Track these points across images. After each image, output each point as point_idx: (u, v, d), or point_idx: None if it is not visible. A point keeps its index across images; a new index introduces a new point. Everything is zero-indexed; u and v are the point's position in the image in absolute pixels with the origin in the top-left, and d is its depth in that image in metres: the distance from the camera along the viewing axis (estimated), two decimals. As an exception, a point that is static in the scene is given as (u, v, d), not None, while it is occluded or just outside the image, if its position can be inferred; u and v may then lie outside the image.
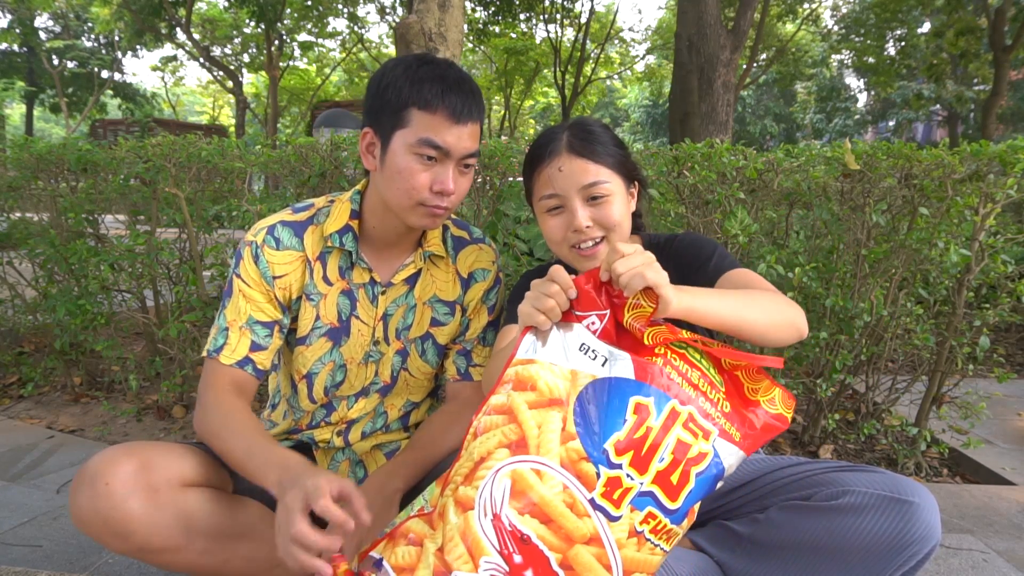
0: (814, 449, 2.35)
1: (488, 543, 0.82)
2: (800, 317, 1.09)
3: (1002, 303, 2.12)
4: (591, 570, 0.82)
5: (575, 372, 0.89)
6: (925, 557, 0.94)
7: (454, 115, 1.10)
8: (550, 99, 26.31)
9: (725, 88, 6.46)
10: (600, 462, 0.84)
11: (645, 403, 0.87)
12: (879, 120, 25.66)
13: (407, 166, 1.11)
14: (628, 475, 0.84)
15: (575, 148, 1.18)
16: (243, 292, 1.19)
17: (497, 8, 14.05)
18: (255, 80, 25.00)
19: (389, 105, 1.11)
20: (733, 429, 0.92)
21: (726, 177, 2.10)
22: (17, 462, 2.12)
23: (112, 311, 2.68)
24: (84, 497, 0.95)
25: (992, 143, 1.96)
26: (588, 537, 0.82)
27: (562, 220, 1.20)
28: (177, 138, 2.45)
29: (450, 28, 2.97)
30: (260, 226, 1.22)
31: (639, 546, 0.85)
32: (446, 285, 1.33)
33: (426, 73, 1.11)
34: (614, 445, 0.85)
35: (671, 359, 0.92)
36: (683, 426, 0.88)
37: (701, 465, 0.89)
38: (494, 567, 0.82)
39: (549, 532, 0.82)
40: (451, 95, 1.10)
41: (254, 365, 1.19)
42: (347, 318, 1.25)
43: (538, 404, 0.87)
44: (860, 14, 16.73)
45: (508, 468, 0.84)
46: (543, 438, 0.85)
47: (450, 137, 1.11)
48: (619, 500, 0.84)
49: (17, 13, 18.35)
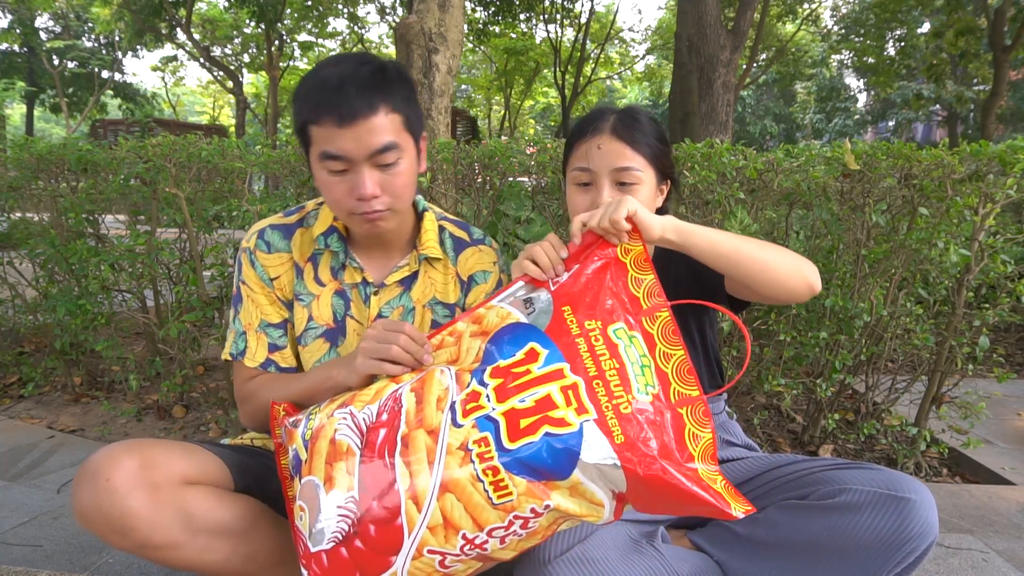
0: (814, 449, 2.35)
1: (380, 399, 0.97)
2: (811, 270, 1.08)
3: (1002, 303, 2.12)
4: (417, 455, 0.89)
5: (509, 314, 1.03)
6: (923, 553, 0.95)
7: (339, 120, 1.04)
8: (550, 99, 26.30)
9: (725, 88, 6.46)
10: (476, 375, 0.95)
11: (539, 352, 0.95)
12: (879, 120, 25.64)
13: (324, 181, 1.10)
14: (487, 396, 0.92)
15: (618, 131, 1.21)
16: (251, 297, 1.24)
17: (497, 8, 14.04)
18: (255, 80, 25.00)
19: (296, 126, 1.11)
20: (618, 430, 0.88)
21: (726, 177, 2.10)
22: (17, 462, 2.12)
23: (112, 311, 2.68)
24: (86, 493, 0.95)
25: (992, 143, 1.96)
26: (432, 427, 0.91)
27: (588, 197, 1.23)
28: (177, 138, 2.46)
29: (450, 28, 2.97)
30: (252, 231, 1.25)
31: (462, 462, 0.88)
32: (445, 287, 1.31)
33: (311, 83, 1.06)
34: (492, 368, 0.95)
35: (593, 338, 0.96)
36: (561, 389, 0.91)
37: (557, 429, 0.88)
38: (368, 414, 0.96)
39: (415, 410, 0.93)
40: (332, 100, 1.03)
41: (276, 365, 1.25)
42: (343, 318, 1.25)
43: (475, 334, 1.04)
44: (860, 14, 16.71)
45: (434, 369, 1.00)
46: (463, 357, 1.02)
47: (343, 142, 1.05)
48: (468, 412, 0.91)
49: (17, 13, 18.35)
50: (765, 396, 2.64)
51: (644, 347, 0.97)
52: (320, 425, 0.97)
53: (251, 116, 20.66)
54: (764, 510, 1.07)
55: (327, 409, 1.00)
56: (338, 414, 0.97)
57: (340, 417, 0.96)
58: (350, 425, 0.95)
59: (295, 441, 0.98)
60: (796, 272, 1.06)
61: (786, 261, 1.06)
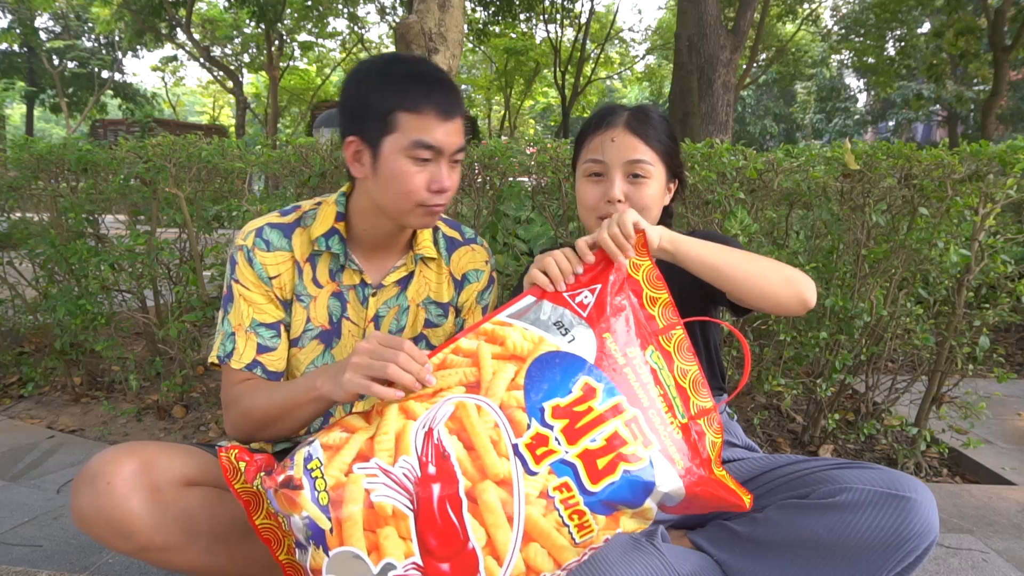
0: (814, 449, 2.35)
1: (413, 446, 0.87)
2: (805, 285, 1.08)
3: (1002, 303, 2.12)
4: (493, 511, 0.84)
5: (542, 338, 0.95)
6: (924, 553, 0.95)
7: (442, 113, 1.11)
8: (550, 99, 26.30)
9: (725, 88, 6.45)
10: (534, 414, 0.88)
11: (594, 386, 0.91)
12: (879, 120, 25.64)
13: (403, 169, 1.11)
14: (556, 439, 0.87)
15: (631, 126, 1.24)
16: (243, 296, 1.20)
17: (497, 8, 14.04)
18: (255, 80, 24.98)
19: (373, 111, 1.11)
20: (677, 455, 0.91)
21: (726, 177, 2.10)
22: (17, 462, 2.12)
23: (112, 311, 2.68)
24: (86, 496, 0.95)
25: (992, 143, 1.96)
26: (501, 478, 0.85)
27: (599, 189, 1.25)
28: (177, 138, 2.46)
29: (450, 28, 2.97)
30: (248, 229, 1.22)
31: (546, 511, 0.85)
32: (439, 287, 1.33)
33: (405, 74, 1.11)
34: (552, 407, 0.89)
35: (637, 367, 0.94)
36: (625, 424, 0.90)
37: (633, 465, 0.88)
38: (408, 468, 0.86)
39: (468, 459, 0.86)
40: (436, 93, 1.10)
41: (263, 367, 1.19)
42: (338, 320, 1.25)
43: (500, 356, 0.94)
44: (860, 14, 16.71)
45: (457, 399, 0.91)
46: (494, 382, 0.92)
47: (441, 135, 1.11)
48: (540, 457, 0.86)
49: (17, 13, 18.34)
50: (765, 396, 2.64)
51: (665, 364, 0.98)
52: (338, 484, 0.85)
53: (251, 116, 20.65)
54: (764, 509, 1.07)
55: (337, 463, 0.87)
56: (360, 470, 0.86)
57: (366, 474, 0.85)
58: (387, 484, 0.85)
59: (303, 508, 0.85)
60: (786, 286, 1.07)
61: (776, 276, 1.07)
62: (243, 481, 0.91)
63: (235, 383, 1.18)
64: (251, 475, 0.90)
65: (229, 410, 1.18)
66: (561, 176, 2.18)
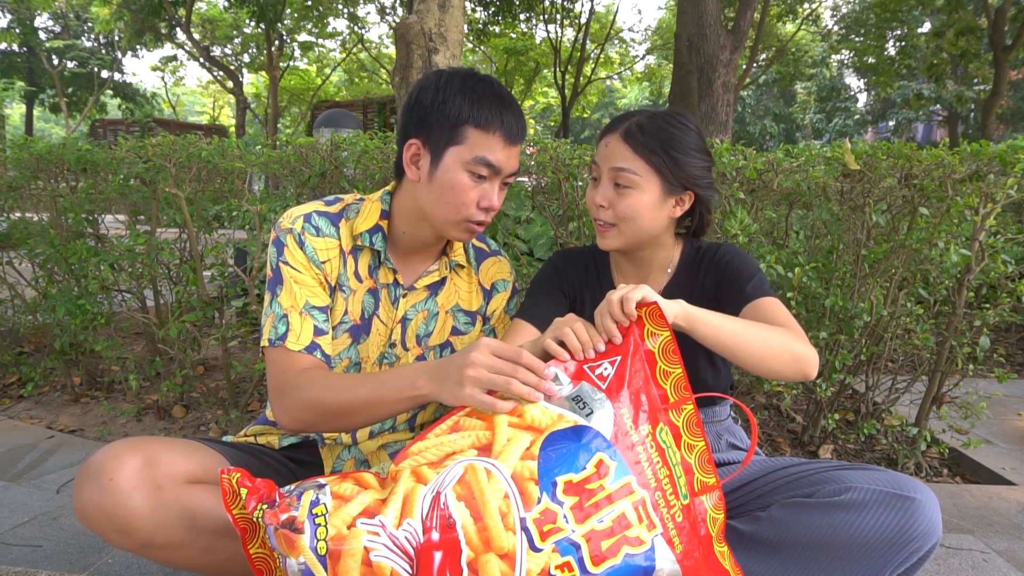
0: (814, 449, 2.35)
1: (419, 510, 0.85)
2: (808, 357, 1.07)
3: (1002, 303, 2.12)
4: None
5: (561, 416, 0.94)
6: (927, 554, 0.95)
7: (510, 136, 1.14)
8: (550, 99, 26.29)
9: (725, 88, 6.45)
10: (546, 489, 0.87)
11: (608, 464, 0.90)
12: (879, 120, 25.63)
13: (459, 182, 1.14)
14: (565, 516, 0.86)
15: (628, 132, 1.22)
16: (294, 278, 1.17)
17: (497, 8, 14.05)
18: (255, 80, 24.98)
19: (445, 119, 1.13)
20: (677, 540, 0.91)
21: (726, 177, 2.10)
22: (17, 462, 2.12)
23: (112, 311, 2.68)
24: (88, 492, 0.95)
25: (992, 143, 1.96)
26: (505, 551, 0.83)
27: (594, 192, 1.27)
28: (177, 138, 2.45)
29: (450, 28, 2.97)
30: (295, 214, 1.20)
31: None
32: (468, 295, 1.36)
33: (484, 91, 1.14)
34: (564, 482, 0.87)
35: (648, 445, 0.94)
36: (632, 505, 0.89)
37: (635, 549, 0.87)
38: (411, 532, 0.84)
39: (474, 528, 0.84)
40: (508, 116, 1.14)
41: (321, 350, 1.16)
42: (369, 316, 1.27)
43: (517, 425, 0.93)
44: (860, 14, 16.71)
45: (467, 461, 0.89)
46: (508, 448, 0.90)
47: (503, 156, 1.14)
48: (547, 534, 0.85)
49: (17, 13, 18.33)
50: (765, 396, 2.64)
51: (673, 440, 0.97)
52: (338, 536, 0.83)
53: (251, 116, 20.62)
54: (768, 508, 1.07)
55: (342, 513, 0.85)
56: (364, 525, 0.84)
57: (367, 530, 0.84)
58: (388, 545, 0.83)
59: (301, 553, 0.83)
60: (791, 365, 1.06)
61: (785, 355, 1.06)
62: (242, 507, 0.89)
63: (295, 369, 1.13)
64: (251, 503, 0.88)
65: (285, 398, 1.12)
66: (561, 176, 2.17)
